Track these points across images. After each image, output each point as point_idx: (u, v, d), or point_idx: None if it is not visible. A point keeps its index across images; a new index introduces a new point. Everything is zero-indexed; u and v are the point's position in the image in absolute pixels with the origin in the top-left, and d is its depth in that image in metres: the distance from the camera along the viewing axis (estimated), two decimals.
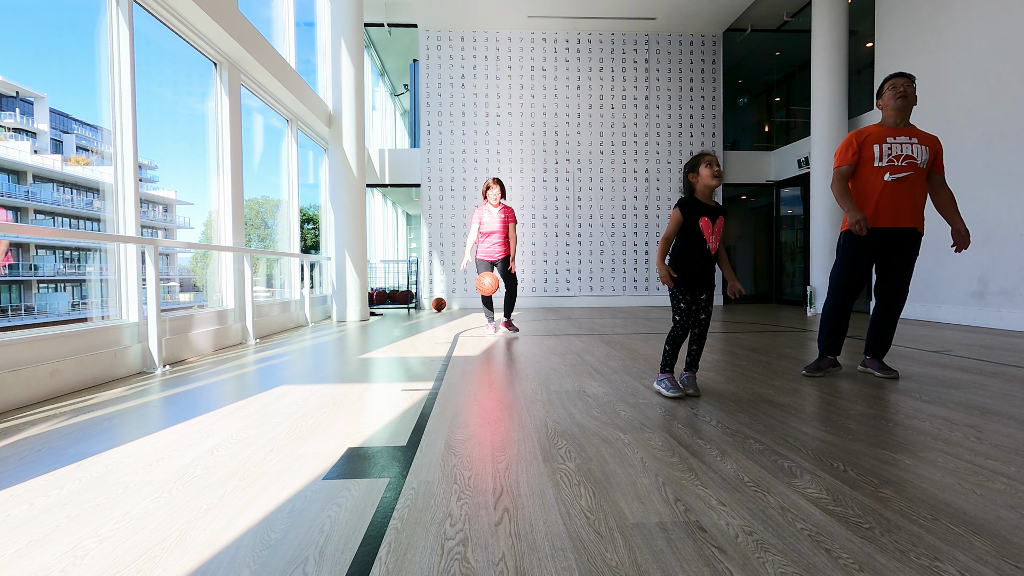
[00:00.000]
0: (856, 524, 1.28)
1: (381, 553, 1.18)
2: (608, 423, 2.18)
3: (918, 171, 2.85)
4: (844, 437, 1.96)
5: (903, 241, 2.90)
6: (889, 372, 3.03)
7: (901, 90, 2.90)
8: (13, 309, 15.52)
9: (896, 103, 2.91)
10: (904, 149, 2.86)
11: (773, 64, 10.65)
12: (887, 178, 2.86)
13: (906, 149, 2.86)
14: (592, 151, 9.65)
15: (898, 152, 2.86)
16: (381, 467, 1.72)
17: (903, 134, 2.89)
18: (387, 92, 13.02)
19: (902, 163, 2.85)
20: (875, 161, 2.89)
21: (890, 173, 2.86)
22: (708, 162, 2.54)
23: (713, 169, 2.53)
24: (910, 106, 2.92)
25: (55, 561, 1.17)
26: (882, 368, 3.05)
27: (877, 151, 2.89)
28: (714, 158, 2.56)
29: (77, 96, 20.12)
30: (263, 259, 6.95)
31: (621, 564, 1.12)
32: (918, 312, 6.55)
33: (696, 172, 2.58)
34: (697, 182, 2.58)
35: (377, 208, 11.57)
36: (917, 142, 2.87)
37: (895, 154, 2.86)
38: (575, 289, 9.67)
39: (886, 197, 2.87)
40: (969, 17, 5.93)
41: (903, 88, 2.90)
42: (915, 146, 2.86)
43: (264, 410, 2.47)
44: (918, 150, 2.86)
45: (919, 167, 2.85)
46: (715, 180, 2.53)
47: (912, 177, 2.85)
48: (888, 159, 2.87)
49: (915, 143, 2.87)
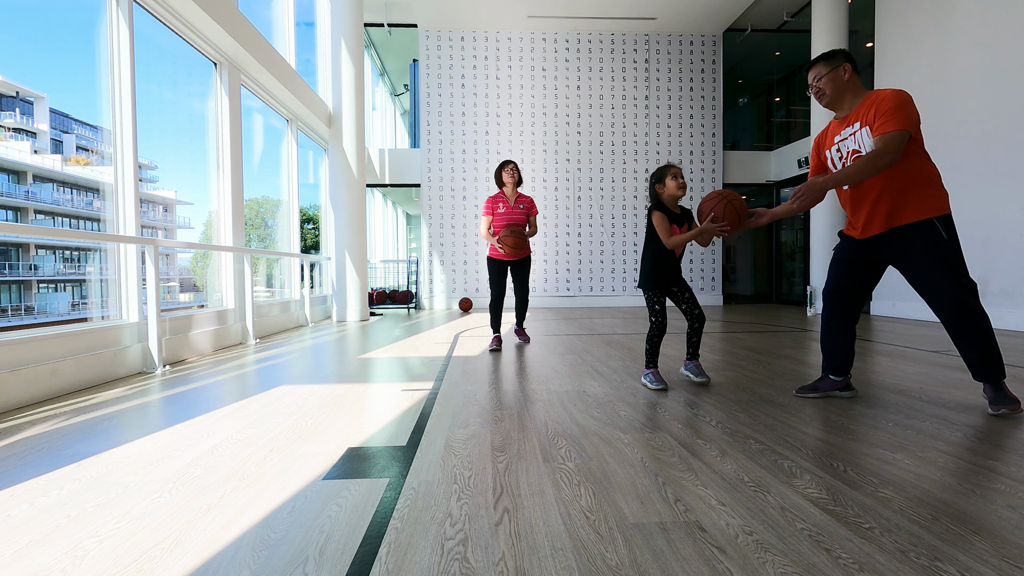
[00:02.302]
0: (856, 524, 1.28)
1: (381, 553, 1.18)
2: (608, 423, 2.18)
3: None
4: (844, 437, 1.96)
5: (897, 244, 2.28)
6: (1001, 405, 2.16)
7: (814, 91, 2.42)
8: (13, 309, 15.52)
9: (824, 104, 2.42)
10: (849, 144, 2.32)
11: (773, 64, 10.66)
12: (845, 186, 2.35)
13: (850, 144, 2.31)
14: (592, 151, 9.65)
15: (844, 152, 2.35)
16: (381, 467, 1.72)
17: (847, 124, 2.33)
18: (387, 92, 13.02)
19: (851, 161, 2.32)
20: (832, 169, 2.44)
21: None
22: (674, 174, 2.74)
23: (679, 181, 2.73)
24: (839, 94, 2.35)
25: (55, 561, 1.17)
26: (996, 398, 2.19)
27: (829, 158, 2.45)
28: (679, 170, 2.75)
29: (77, 96, 20.13)
30: (263, 259, 6.95)
31: (621, 564, 1.12)
32: (918, 312, 6.55)
33: (663, 183, 2.76)
34: (663, 192, 2.77)
35: (377, 208, 11.57)
36: (859, 126, 2.26)
37: (843, 155, 2.36)
38: (575, 289, 9.67)
39: (852, 205, 2.38)
40: (969, 17, 5.93)
41: (816, 89, 2.41)
42: (857, 135, 2.27)
43: (264, 410, 2.47)
44: (860, 138, 2.26)
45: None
46: (680, 191, 2.74)
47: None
48: (841, 164, 2.38)
49: (856, 131, 2.27)
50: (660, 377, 2.81)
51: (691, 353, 2.94)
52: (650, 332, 2.87)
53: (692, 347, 2.93)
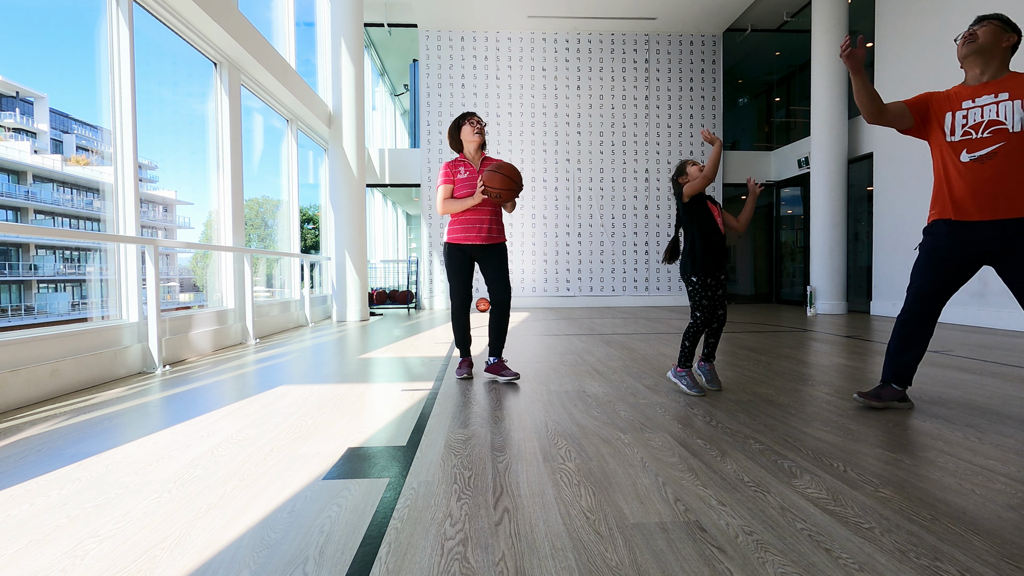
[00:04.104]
0: (856, 524, 1.28)
1: (381, 553, 1.18)
2: (608, 423, 2.18)
3: (1012, 138, 2.06)
4: (844, 437, 1.96)
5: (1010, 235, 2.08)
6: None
7: (968, 33, 2.16)
8: (13, 309, 15.52)
9: (964, 51, 2.17)
10: (985, 113, 2.09)
11: (773, 64, 10.66)
12: (964, 158, 2.14)
13: (988, 113, 2.09)
14: (592, 151, 9.65)
15: (976, 120, 2.11)
16: (381, 467, 1.72)
17: (988, 91, 2.12)
18: (387, 92, 13.02)
19: (984, 133, 2.10)
20: (947, 135, 2.18)
21: (967, 151, 2.14)
22: (692, 163, 2.72)
23: (699, 166, 2.69)
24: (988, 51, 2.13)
25: (55, 561, 1.16)
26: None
27: (949, 121, 2.18)
28: (696, 160, 2.73)
29: (77, 96, 20.12)
30: (263, 259, 6.95)
31: (621, 564, 1.12)
32: None
33: (685, 174, 2.72)
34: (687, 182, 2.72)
35: (377, 208, 11.57)
36: (1009, 96, 2.06)
37: (972, 123, 2.12)
38: (575, 289, 9.67)
39: (966, 182, 2.13)
40: (969, 17, 5.92)
41: (971, 31, 2.16)
42: (1004, 104, 2.06)
43: (264, 410, 2.47)
44: (1008, 108, 2.05)
45: (1012, 132, 2.06)
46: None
47: (1004, 150, 2.06)
48: (963, 131, 2.15)
49: (1004, 100, 2.07)
50: (696, 382, 2.67)
51: (707, 354, 2.79)
52: (692, 328, 2.66)
53: (709, 348, 2.78)
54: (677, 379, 2.73)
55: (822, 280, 7.97)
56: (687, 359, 2.70)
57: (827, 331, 5.47)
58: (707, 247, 2.64)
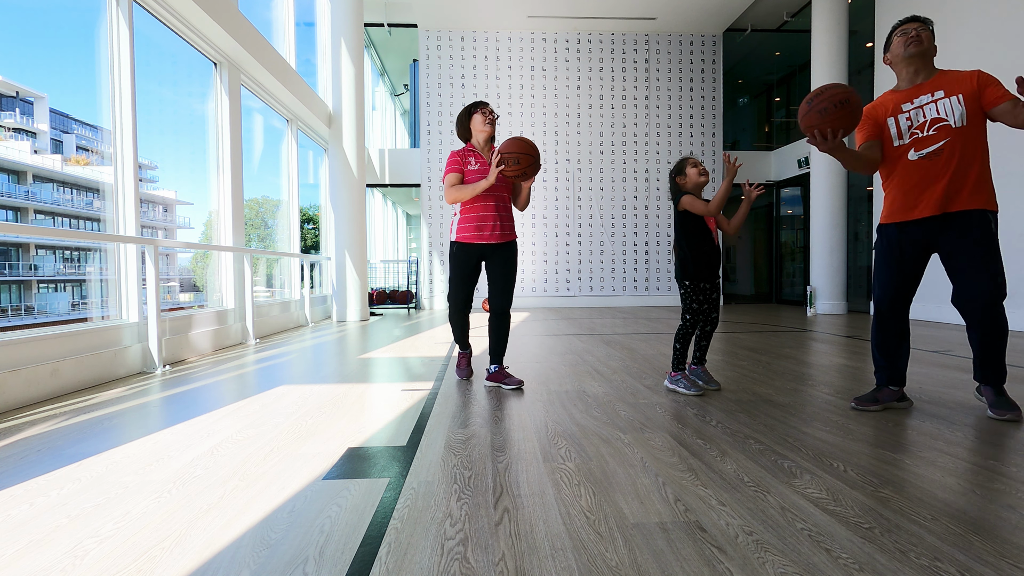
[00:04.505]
0: (856, 524, 1.28)
1: (381, 553, 1.18)
2: (608, 423, 2.18)
3: (956, 133, 2.11)
4: (844, 437, 1.96)
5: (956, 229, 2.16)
6: (1004, 410, 2.12)
7: (913, 34, 2.19)
8: (13, 309, 15.52)
9: (908, 51, 2.20)
10: (927, 112, 2.16)
11: (773, 64, 10.66)
12: (912, 156, 2.20)
13: (929, 112, 2.15)
14: (592, 151, 9.65)
15: (920, 120, 2.17)
16: (381, 467, 1.72)
17: (924, 91, 2.19)
18: (387, 92, 13.02)
19: (929, 131, 2.16)
20: (895, 140, 2.25)
21: (915, 150, 2.19)
22: (692, 163, 2.65)
23: (699, 168, 2.63)
24: (928, 53, 2.19)
25: (55, 561, 1.16)
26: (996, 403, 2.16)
27: (893, 127, 2.25)
28: (697, 160, 2.67)
29: (77, 96, 20.12)
30: (263, 259, 6.95)
31: (621, 564, 1.12)
32: (918, 312, 6.54)
33: (683, 174, 2.66)
34: (686, 183, 2.66)
35: (377, 208, 11.57)
36: (944, 94, 2.13)
37: (917, 123, 2.18)
38: (575, 289, 9.67)
39: (914, 180, 2.20)
40: (968, 17, 5.93)
41: (915, 32, 2.19)
42: (941, 102, 2.13)
43: (264, 410, 2.47)
44: (947, 106, 2.12)
45: (955, 128, 2.11)
46: (703, 177, 2.63)
47: (950, 146, 2.12)
48: (910, 133, 2.20)
49: (940, 98, 2.13)
50: (694, 381, 2.69)
51: (699, 357, 2.80)
52: (682, 330, 2.69)
53: (700, 351, 2.80)
54: (674, 384, 2.72)
55: (822, 280, 7.97)
56: (679, 361, 2.71)
57: (827, 331, 5.47)
58: (699, 255, 2.64)
